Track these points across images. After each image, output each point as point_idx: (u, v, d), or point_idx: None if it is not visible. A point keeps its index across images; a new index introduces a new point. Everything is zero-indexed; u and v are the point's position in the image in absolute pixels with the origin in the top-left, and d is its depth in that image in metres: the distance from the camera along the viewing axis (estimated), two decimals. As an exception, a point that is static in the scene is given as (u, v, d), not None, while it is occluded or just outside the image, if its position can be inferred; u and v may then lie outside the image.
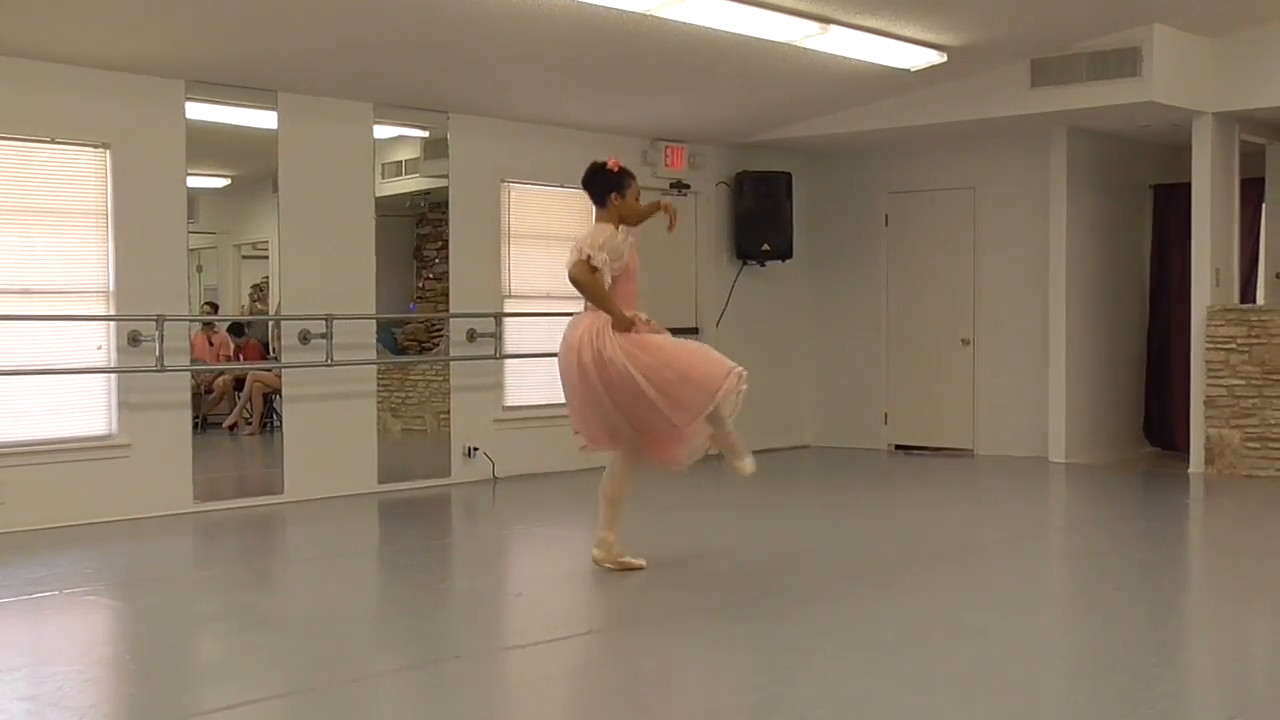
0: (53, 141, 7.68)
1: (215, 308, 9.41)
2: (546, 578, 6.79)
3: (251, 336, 9.54)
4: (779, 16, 7.82)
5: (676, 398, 6.01)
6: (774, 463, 10.96)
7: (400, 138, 9.59)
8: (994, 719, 4.22)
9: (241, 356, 9.49)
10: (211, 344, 9.33)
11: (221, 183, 9.41)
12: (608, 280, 6.12)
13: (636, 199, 6.33)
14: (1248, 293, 10.69)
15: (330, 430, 8.83)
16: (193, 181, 8.30)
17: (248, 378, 9.44)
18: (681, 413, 6.03)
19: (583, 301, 6.24)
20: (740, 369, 6.09)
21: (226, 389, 9.54)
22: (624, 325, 6.08)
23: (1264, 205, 10.87)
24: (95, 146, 7.83)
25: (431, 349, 9.81)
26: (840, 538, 7.57)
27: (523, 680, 4.83)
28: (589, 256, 6.09)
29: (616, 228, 6.22)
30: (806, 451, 11.75)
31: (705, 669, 4.91)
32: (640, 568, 6.31)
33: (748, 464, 6.29)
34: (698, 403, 6.01)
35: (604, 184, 6.31)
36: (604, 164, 6.35)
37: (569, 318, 6.36)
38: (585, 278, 6.09)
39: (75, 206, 7.78)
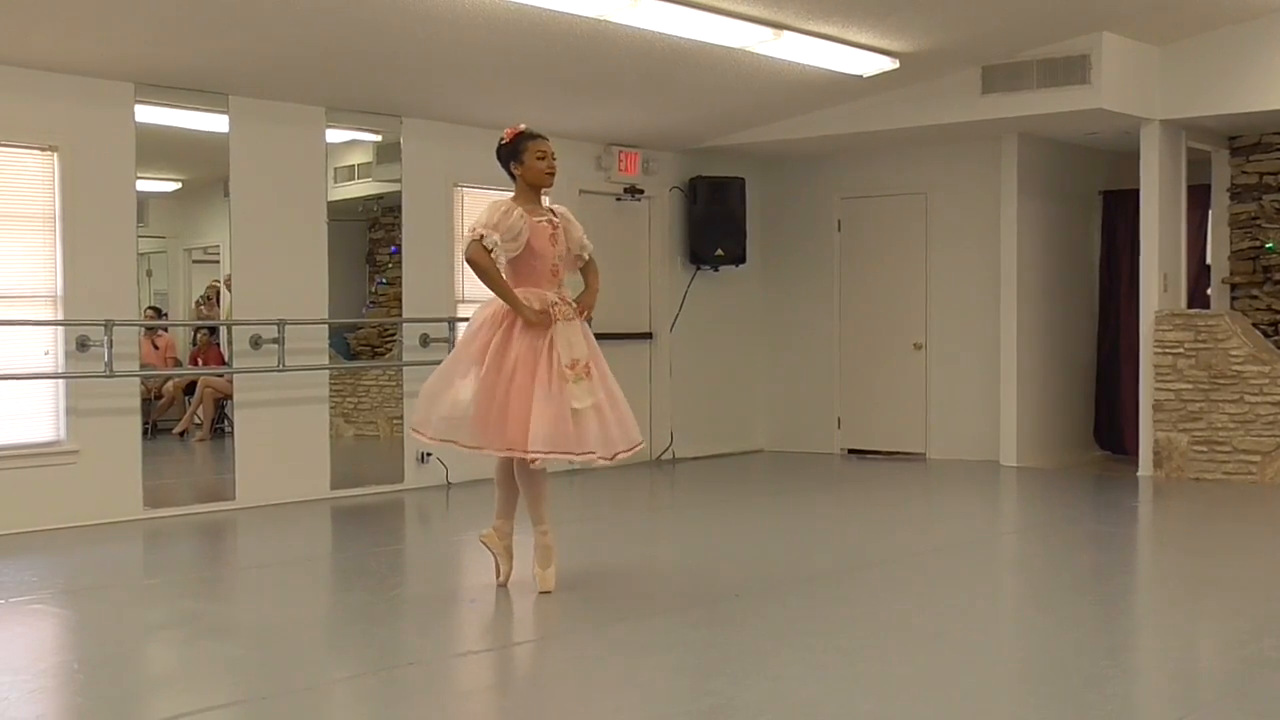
0: (-2, 144, 7.61)
1: (158, 312, 9.30)
2: (500, 584, 6.77)
3: (214, 341, 9.44)
4: (732, 22, 7.84)
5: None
6: (727, 467, 11.00)
7: (353, 142, 9.54)
8: (946, 722, 4.25)
9: (201, 360, 9.40)
10: (156, 347, 9.23)
11: (172, 186, 9.33)
12: (502, 263, 5.60)
13: (539, 159, 5.76)
14: (1195, 298, 10.82)
15: (282, 436, 8.77)
16: (142, 185, 8.22)
17: (199, 383, 9.36)
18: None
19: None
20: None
21: (177, 394, 9.46)
22: (533, 320, 5.62)
23: (1210, 212, 11.00)
24: (43, 149, 7.74)
25: (384, 354, 9.76)
26: (793, 542, 7.59)
27: (476, 687, 4.81)
28: (481, 235, 5.57)
29: (533, 199, 5.78)
30: (759, 456, 11.77)
31: (658, 674, 4.91)
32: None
33: (549, 576, 5.84)
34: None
35: (504, 159, 5.86)
36: (501, 138, 5.89)
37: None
38: (483, 260, 5.56)
39: (22, 210, 7.69)
